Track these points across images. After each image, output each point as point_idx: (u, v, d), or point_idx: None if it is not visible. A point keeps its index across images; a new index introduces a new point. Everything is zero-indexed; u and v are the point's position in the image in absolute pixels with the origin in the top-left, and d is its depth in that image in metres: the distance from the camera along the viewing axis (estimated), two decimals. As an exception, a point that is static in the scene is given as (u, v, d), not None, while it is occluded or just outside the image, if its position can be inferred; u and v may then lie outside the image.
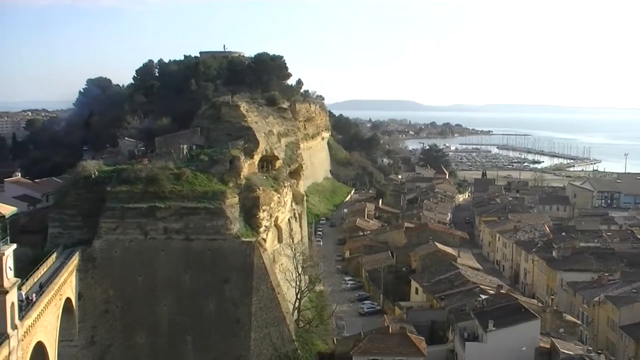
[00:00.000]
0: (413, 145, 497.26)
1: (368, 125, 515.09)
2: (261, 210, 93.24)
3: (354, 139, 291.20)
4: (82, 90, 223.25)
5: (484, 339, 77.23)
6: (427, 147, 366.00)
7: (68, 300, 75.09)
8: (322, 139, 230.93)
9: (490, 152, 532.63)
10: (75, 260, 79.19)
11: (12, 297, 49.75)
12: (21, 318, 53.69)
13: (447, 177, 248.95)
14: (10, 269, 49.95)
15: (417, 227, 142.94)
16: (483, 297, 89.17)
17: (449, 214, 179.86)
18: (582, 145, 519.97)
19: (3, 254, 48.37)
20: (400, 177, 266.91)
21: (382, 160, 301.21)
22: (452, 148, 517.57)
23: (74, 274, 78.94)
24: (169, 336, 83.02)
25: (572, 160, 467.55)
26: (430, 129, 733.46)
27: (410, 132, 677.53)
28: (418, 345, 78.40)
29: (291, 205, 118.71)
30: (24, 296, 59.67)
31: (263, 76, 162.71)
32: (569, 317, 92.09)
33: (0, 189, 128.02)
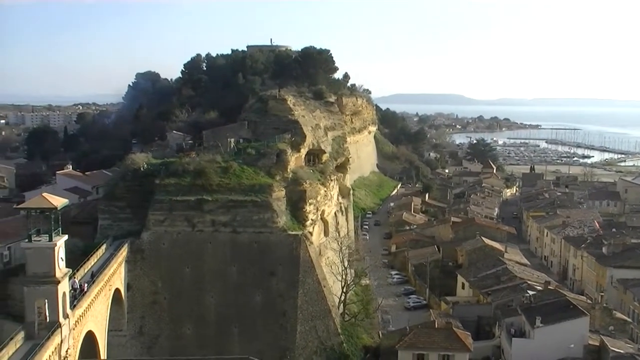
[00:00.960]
0: (460, 139, 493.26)
1: (415, 119, 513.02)
2: (308, 204, 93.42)
3: (400, 133, 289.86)
4: (131, 84, 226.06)
5: (531, 335, 76.33)
6: (475, 141, 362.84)
7: (117, 290, 76.16)
8: (369, 132, 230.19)
9: (539, 146, 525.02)
10: (124, 252, 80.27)
11: (63, 287, 50.53)
12: (73, 307, 54.57)
13: (494, 171, 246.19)
14: (62, 260, 50.73)
15: (464, 221, 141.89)
16: (530, 293, 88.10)
17: (496, 209, 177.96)
18: (634, 140, 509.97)
19: (55, 244, 49.11)
20: (447, 171, 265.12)
21: (429, 154, 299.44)
22: (500, 142, 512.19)
23: (123, 265, 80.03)
24: (216, 327, 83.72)
25: (623, 155, 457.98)
26: (477, 123, 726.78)
27: (458, 126, 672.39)
28: (464, 341, 77.85)
29: (337, 199, 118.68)
30: (77, 284, 60.90)
31: (310, 70, 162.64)
32: (619, 315, 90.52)
33: (52, 181, 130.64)
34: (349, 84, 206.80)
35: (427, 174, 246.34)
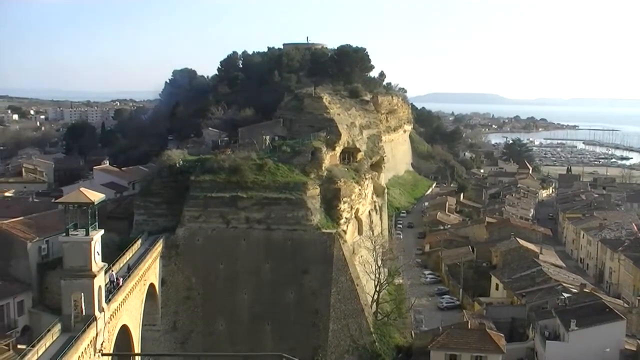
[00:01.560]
0: (496, 139, 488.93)
1: (450, 119, 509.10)
2: (342, 202, 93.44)
3: (436, 132, 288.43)
4: (168, 81, 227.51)
5: (566, 338, 75.46)
6: (511, 142, 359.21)
7: (152, 285, 76.81)
8: (404, 131, 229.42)
9: (576, 147, 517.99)
10: (159, 247, 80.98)
11: (99, 281, 51.06)
12: (108, 301, 55.16)
13: (530, 172, 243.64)
14: (98, 254, 51.24)
15: (499, 222, 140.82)
16: (566, 295, 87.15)
17: (532, 210, 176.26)
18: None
19: (91, 239, 49.60)
20: (482, 171, 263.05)
21: (464, 154, 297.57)
22: (536, 142, 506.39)
23: (158, 260, 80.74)
24: (249, 324, 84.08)
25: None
26: (513, 123, 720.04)
27: (493, 125, 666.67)
28: (497, 342, 77.20)
29: (372, 198, 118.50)
30: (115, 277, 61.68)
31: (346, 68, 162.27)
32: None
33: (90, 176, 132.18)
34: (384, 83, 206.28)
35: (462, 174, 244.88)
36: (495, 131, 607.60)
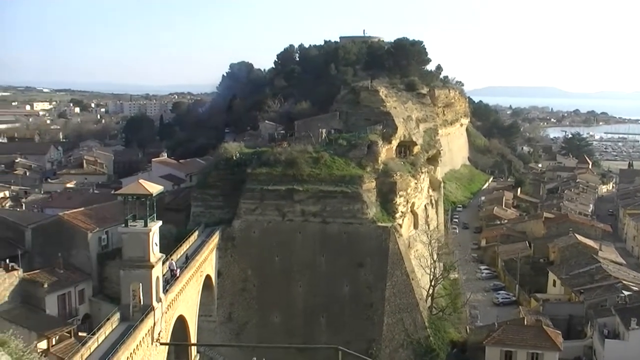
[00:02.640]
0: (555, 133, 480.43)
1: (508, 112, 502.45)
2: (398, 196, 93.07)
3: (493, 126, 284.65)
4: (225, 74, 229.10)
5: (626, 337, 74.12)
6: (570, 136, 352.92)
7: (208, 277, 77.60)
8: (461, 125, 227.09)
9: (638, 141, 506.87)
10: (215, 239, 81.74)
11: (157, 272, 51.68)
12: (165, 292, 55.87)
13: (590, 167, 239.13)
14: (156, 245, 51.84)
15: (557, 217, 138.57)
16: (626, 293, 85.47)
17: (591, 206, 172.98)
18: None
19: (150, 230, 50.20)
20: (540, 165, 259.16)
21: (522, 148, 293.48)
22: (597, 137, 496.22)
23: (214, 252, 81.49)
24: (303, 317, 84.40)
25: None
26: (573, 117, 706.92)
27: (552, 119, 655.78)
28: (554, 339, 76.21)
29: (428, 192, 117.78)
30: (174, 265, 62.62)
31: (402, 61, 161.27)
32: None
33: (148, 168, 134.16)
34: (441, 76, 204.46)
35: (519, 168, 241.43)
36: (554, 125, 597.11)
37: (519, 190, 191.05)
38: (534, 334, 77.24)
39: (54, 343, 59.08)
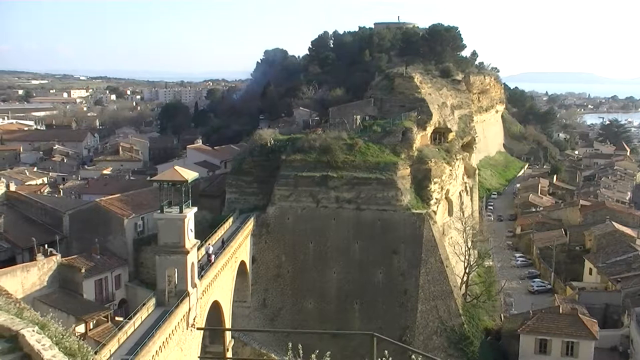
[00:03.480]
0: (592, 119, 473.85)
1: (544, 99, 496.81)
2: (432, 183, 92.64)
3: (529, 113, 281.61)
4: (259, 61, 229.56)
5: (664, 326, 73.21)
6: (607, 122, 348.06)
7: (242, 263, 78.00)
8: (496, 112, 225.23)
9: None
10: (250, 225, 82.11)
11: (192, 258, 51.98)
12: (200, 278, 56.25)
13: (628, 154, 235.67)
14: (191, 231, 52.10)
15: (594, 205, 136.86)
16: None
17: (629, 193, 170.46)
18: None
19: (185, 216, 50.43)
20: (576, 152, 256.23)
21: (558, 135, 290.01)
22: (635, 123, 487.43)
23: (249, 238, 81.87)
24: (337, 303, 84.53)
25: None
26: (611, 103, 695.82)
27: (589, 106, 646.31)
28: (590, 328, 75.43)
29: (462, 179, 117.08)
30: (211, 249, 63.14)
31: (437, 47, 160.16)
32: None
33: (183, 154, 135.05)
34: (476, 62, 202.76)
35: (555, 155, 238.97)
36: (591, 111, 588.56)
37: (554, 177, 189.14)
38: (570, 323, 76.53)
39: (91, 327, 59.89)
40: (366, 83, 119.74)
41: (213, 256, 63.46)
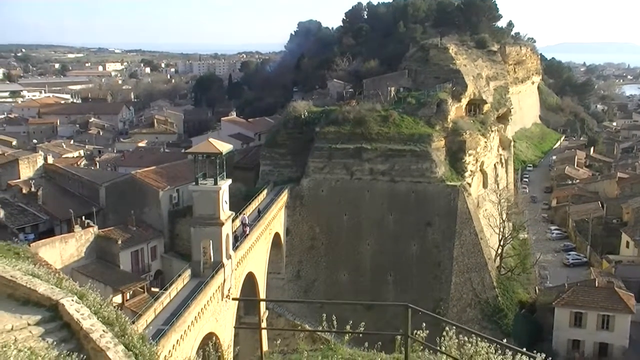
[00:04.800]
0: (631, 90, 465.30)
1: (582, 70, 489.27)
2: (467, 155, 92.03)
3: (566, 84, 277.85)
4: (293, 33, 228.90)
5: (702, 300, 72.34)
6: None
7: (277, 235, 78.39)
8: (532, 83, 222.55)
9: None
10: (284, 197, 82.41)
11: (227, 229, 52.35)
12: (235, 249, 56.67)
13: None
14: (226, 203, 52.44)
15: (632, 177, 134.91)
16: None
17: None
18: None
19: (220, 188, 50.74)
20: (614, 124, 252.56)
21: (596, 106, 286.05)
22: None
23: (283, 210, 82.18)
24: (371, 275, 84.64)
25: None
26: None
27: (629, 76, 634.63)
28: (626, 302, 74.84)
29: (497, 151, 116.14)
30: (246, 219, 63.65)
31: (472, 18, 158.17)
32: None
33: (217, 127, 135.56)
34: (512, 33, 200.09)
35: (592, 127, 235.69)
36: (630, 82, 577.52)
37: (591, 149, 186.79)
38: (606, 296, 75.97)
39: (128, 298, 60.66)
40: (400, 54, 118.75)
41: (248, 227, 63.89)
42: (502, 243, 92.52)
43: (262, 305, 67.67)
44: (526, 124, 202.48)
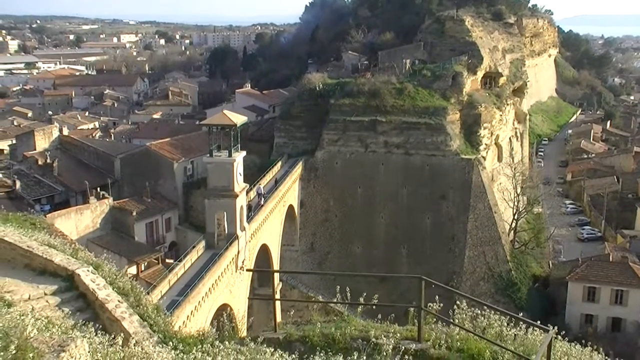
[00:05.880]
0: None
1: (600, 42, 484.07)
2: (482, 128, 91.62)
3: (583, 57, 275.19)
4: (308, 5, 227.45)
5: None
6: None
7: (291, 207, 78.56)
8: (549, 56, 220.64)
9: None
10: (298, 170, 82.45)
11: (241, 201, 52.50)
12: (249, 221, 56.85)
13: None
14: (240, 175, 52.53)
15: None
16: None
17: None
18: None
19: (234, 160, 50.80)
20: (632, 98, 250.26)
21: (613, 79, 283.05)
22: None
23: (297, 182, 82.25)
24: (385, 248, 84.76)
25: None
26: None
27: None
28: (641, 276, 74.70)
29: (513, 124, 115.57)
30: (262, 189, 63.92)
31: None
32: None
33: (232, 99, 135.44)
34: (529, 5, 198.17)
35: (609, 101, 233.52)
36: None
37: (608, 123, 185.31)
38: (620, 271, 75.78)
39: (142, 269, 61.15)
40: (416, 27, 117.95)
41: (263, 198, 64.15)
42: (516, 217, 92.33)
43: (276, 277, 68.05)
44: (542, 98, 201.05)
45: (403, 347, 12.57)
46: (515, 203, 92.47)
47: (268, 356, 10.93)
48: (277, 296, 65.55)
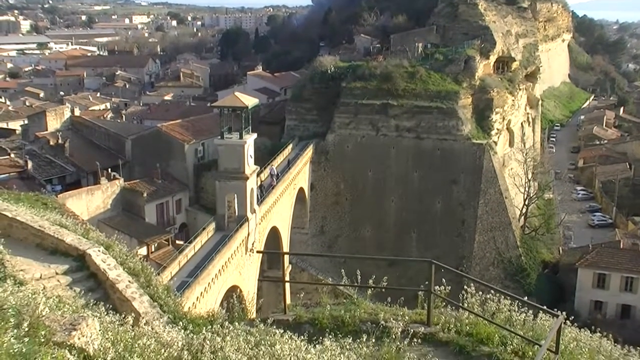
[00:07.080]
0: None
1: (614, 27, 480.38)
2: (494, 113, 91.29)
3: (597, 42, 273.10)
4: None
5: None
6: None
7: (301, 190, 78.69)
8: (563, 41, 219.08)
9: None
10: (309, 153, 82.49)
11: (251, 184, 52.61)
12: (259, 203, 56.96)
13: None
14: (251, 157, 52.63)
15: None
16: None
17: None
18: None
19: (245, 142, 50.89)
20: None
21: (628, 65, 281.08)
22: None
23: (308, 165, 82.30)
24: (395, 231, 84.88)
25: None
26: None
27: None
28: (652, 264, 74.47)
29: (525, 109, 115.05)
30: (274, 170, 64.03)
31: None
32: None
33: (243, 81, 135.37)
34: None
35: (623, 87, 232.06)
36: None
37: (621, 109, 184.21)
38: (630, 258, 75.54)
39: (153, 250, 61.33)
40: (429, 10, 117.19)
41: (276, 179, 64.34)
42: (526, 202, 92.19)
43: (286, 259, 68.17)
44: (555, 83, 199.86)
45: (412, 331, 12.60)
46: (526, 188, 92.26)
47: (277, 337, 10.97)
48: (287, 278, 65.96)
